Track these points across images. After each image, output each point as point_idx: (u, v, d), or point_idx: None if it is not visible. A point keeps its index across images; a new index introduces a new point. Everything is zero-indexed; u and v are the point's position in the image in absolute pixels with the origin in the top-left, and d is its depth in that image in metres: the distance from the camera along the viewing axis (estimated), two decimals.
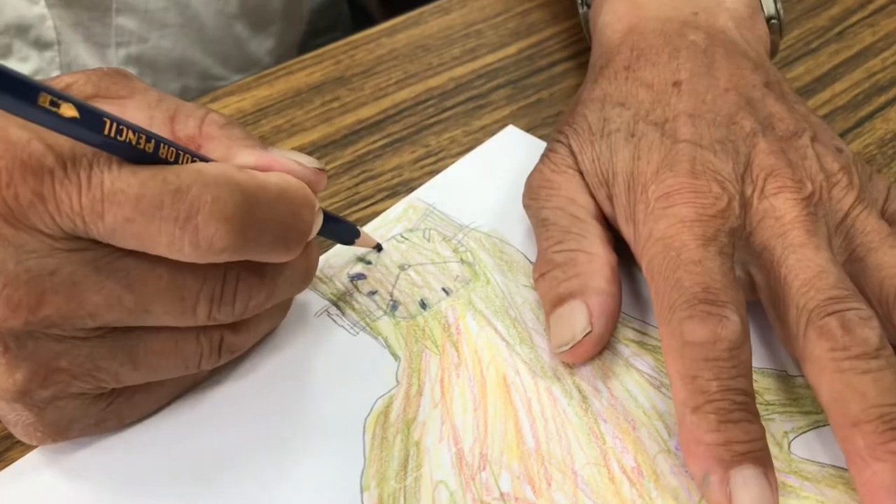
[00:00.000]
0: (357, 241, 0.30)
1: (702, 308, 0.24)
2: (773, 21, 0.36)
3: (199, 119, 0.24)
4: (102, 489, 0.24)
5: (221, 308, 0.23)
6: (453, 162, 0.35)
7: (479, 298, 0.30)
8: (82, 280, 0.20)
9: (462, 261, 0.31)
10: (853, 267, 0.27)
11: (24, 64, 0.44)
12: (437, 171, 0.35)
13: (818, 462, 0.25)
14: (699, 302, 0.24)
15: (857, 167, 0.29)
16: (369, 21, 0.56)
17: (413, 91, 0.40)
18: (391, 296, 0.30)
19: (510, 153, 0.35)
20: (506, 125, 0.37)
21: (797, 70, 0.41)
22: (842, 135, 0.36)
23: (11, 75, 0.17)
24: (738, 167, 0.28)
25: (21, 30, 0.42)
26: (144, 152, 0.20)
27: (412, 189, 0.34)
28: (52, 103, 0.18)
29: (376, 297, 0.30)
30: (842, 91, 0.39)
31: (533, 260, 0.30)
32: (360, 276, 0.30)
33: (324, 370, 0.27)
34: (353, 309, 0.29)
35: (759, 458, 0.23)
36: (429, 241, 0.32)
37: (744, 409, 0.23)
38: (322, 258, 0.31)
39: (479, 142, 0.36)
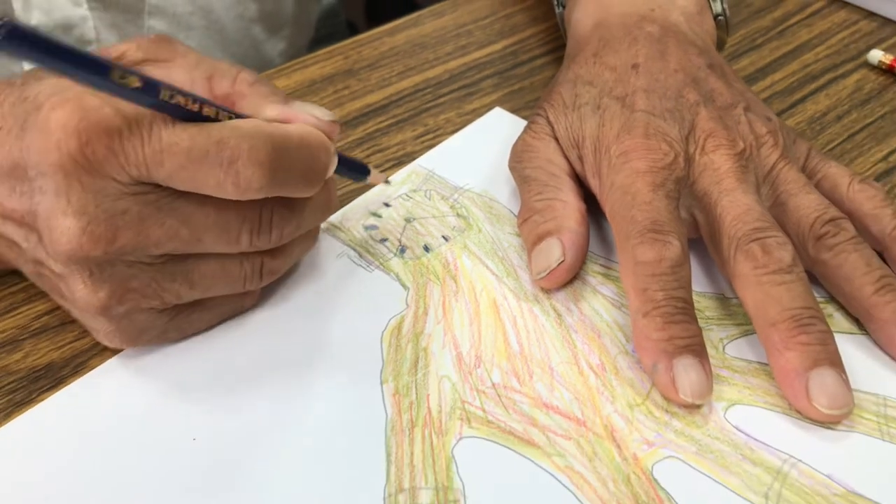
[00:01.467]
0: (369, 178, 0.35)
1: (650, 236, 0.30)
2: (719, 18, 0.42)
3: (232, 78, 0.30)
4: (164, 388, 0.30)
5: (260, 236, 0.29)
6: (449, 138, 0.41)
7: (472, 243, 0.36)
8: (147, 217, 0.26)
9: (458, 214, 0.37)
10: (777, 210, 0.33)
11: None
12: (435, 145, 0.41)
13: (746, 359, 0.31)
14: (648, 231, 0.30)
15: (783, 132, 0.35)
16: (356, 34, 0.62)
17: (413, 81, 0.46)
18: (400, 242, 0.36)
19: (496, 130, 0.42)
20: (493, 108, 0.43)
21: (743, 62, 0.47)
22: (778, 114, 0.43)
23: (91, 58, 0.23)
24: (684, 130, 0.34)
25: (66, 28, 0.49)
26: (191, 112, 0.26)
27: (414, 160, 0.40)
28: (121, 77, 0.24)
29: (387, 244, 0.36)
30: (780, 79, 0.46)
31: (517, 213, 0.36)
32: (373, 227, 0.36)
33: (346, 299, 0.33)
34: (369, 252, 0.35)
35: (697, 350, 0.29)
36: (429, 199, 0.38)
37: (684, 313, 0.29)
38: (339, 213, 0.37)
39: (470, 121, 0.43)
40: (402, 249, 0.35)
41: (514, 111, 0.43)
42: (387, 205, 0.38)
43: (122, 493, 0.26)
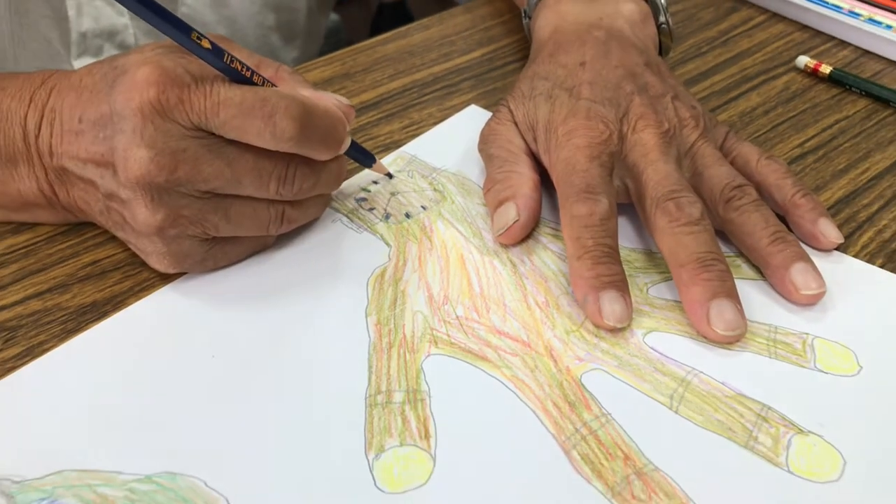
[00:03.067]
0: (374, 166, 0.42)
1: (584, 195, 0.37)
2: (662, 26, 0.50)
3: (275, 68, 0.37)
4: (187, 319, 0.36)
5: (285, 185, 0.36)
6: (430, 129, 0.49)
7: (446, 212, 0.42)
8: (201, 157, 0.33)
9: (435, 189, 0.44)
10: (695, 179, 0.40)
11: None
12: (418, 135, 0.48)
13: (664, 298, 0.37)
14: (582, 192, 0.37)
15: (705, 118, 0.42)
16: None
17: (401, 82, 0.53)
18: (385, 210, 0.43)
19: (471, 123, 0.49)
20: (469, 105, 0.51)
21: (689, 66, 0.54)
22: (713, 109, 0.50)
23: (178, 19, 0.31)
24: (619, 114, 0.41)
25: (110, 35, 0.56)
26: (244, 76, 0.33)
27: (400, 147, 0.47)
28: (198, 38, 0.31)
29: (374, 212, 0.43)
30: (720, 80, 0.53)
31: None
32: (363, 199, 0.43)
33: (340, 253, 0.40)
34: (359, 218, 0.42)
35: (620, 286, 0.35)
36: (411, 178, 0.45)
37: (609, 256, 0.36)
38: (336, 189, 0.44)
39: (449, 116, 0.50)
40: (387, 216, 0.42)
41: (487, 108, 0.50)
42: (375, 182, 0.45)
43: (157, 399, 0.33)
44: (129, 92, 0.32)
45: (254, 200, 0.36)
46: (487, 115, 0.49)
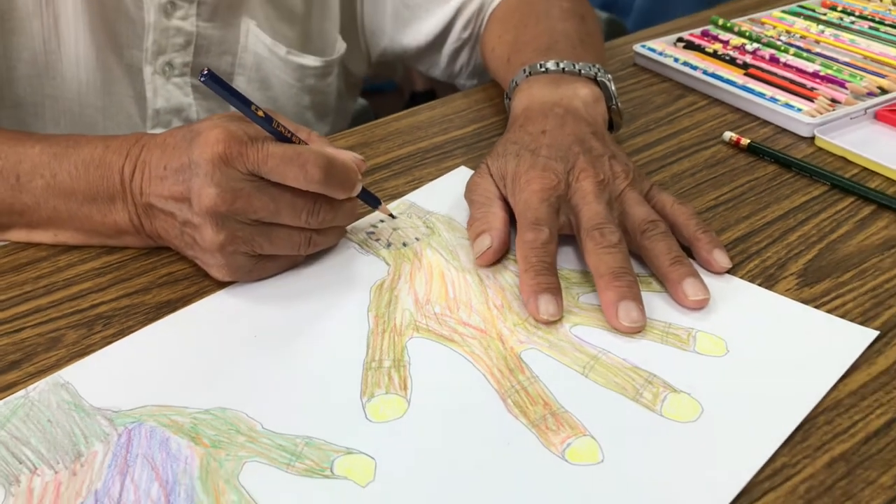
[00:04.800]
0: (379, 207, 0.56)
1: (532, 226, 0.50)
2: (612, 106, 0.63)
3: (307, 133, 0.51)
4: (236, 311, 0.50)
5: (312, 217, 0.49)
6: (427, 183, 0.62)
7: (434, 242, 0.56)
8: (253, 194, 0.47)
9: (426, 226, 0.57)
10: (622, 217, 0.53)
11: None
12: (418, 188, 0.62)
13: (590, 303, 0.50)
14: (532, 223, 0.50)
15: (634, 172, 0.55)
16: None
17: (407, 149, 0.67)
18: (387, 240, 0.56)
19: (459, 180, 0.62)
20: (460, 167, 0.64)
21: (637, 139, 0.68)
22: (651, 172, 0.63)
23: (243, 96, 0.45)
24: (567, 167, 0.54)
25: (178, 111, 0.71)
26: (286, 137, 0.48)
27: (404, 196, 0.61)
28: (255, 109, 0.45)
29: (379, 241, 0.56)
30: (660, 150, 0.66)
31: (466, 227, 0.56)
32: (371, 232, 0.57)
33: (352, 269, 0.53)
34: (367, 246, 0.55)
35: (554, 292, 0.48)
36: (410, 217, 0.58)
37: (547, 270, 0.49)
38: (351, 225, 0.57)
39: (443, 174, 0.63)
40: (389, 244, 0.56)
41: (474, 169, 0.64)
42: (382, 220, 0.58)
43: (213, 360, 0.46)
44: (203, 147, 0.46)
45: (289, 228, 0.50)
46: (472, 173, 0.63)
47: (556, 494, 0.38)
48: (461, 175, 0.63)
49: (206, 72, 0.46)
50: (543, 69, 0.64)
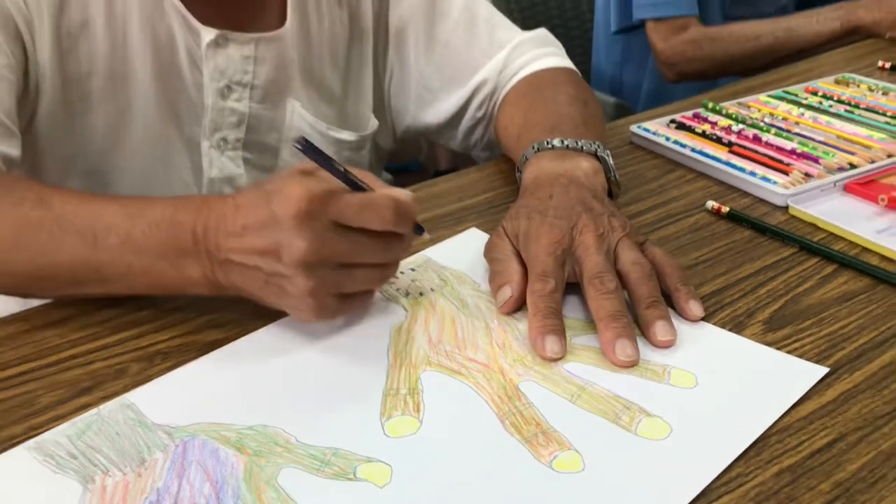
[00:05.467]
0: (423, 234, 0.62)
1: (541, 277, 0.58)
2: (610, 177, 0.72)
3: (370, 177, 0.58)
4: (282, 342, 0.58)
5: (387, 252, 0.56)
6: (442, 241, 0.71)
7: (447, 293, 0.64)
8: (337, 241, 0.54)
9: (441, 279, 0.66)
10: (618, 264, 0.61)
11: None
12: (434, 246, 0.70)
13: (582, 344, 0.57)
14: (540, 275, 0.58)
15: (630, 228, 0.63)
16: None
17: (426, 214, 0.76)
18: (406, 290, 0.64)
19: (470, 240, 0.71)
20: (471, 229, 0.73)
21: (631, 207, 0.76)
22: (645, 232, 0.71)
23: (328, 156, 0.55)
24: (571, 224, 0.62)
25: (230, 180, 0.81)
26: (361, 187, 0.56)
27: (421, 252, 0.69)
28: (337, 165, 0.55)
29: (399, 291, 0.64)
30: (651, 217, 0.74)
31: (475, 280, 0.65)
32: (393, 283, 0.65)
33: (376, 314, 0.61)
34: (390, 295, 0.64)
35: (559, 333, 0.56)
36: (426, 271, 0.67)
37: (553, 314, 0.57)
38: None
39: (457, 235, 0.72)
40: (407, 294, 0.64)
41: (485, 231, 0.72)
42: (402, 272, 0.66)
43: (257, 382, 0.54)
44: (286, 204, 0.53)
45: (367, 266, 0.57)
46: (484, 235, 0.71)
47: (544, 497, 0.45)
48: (472, 236, 0.72)
49: (303, 141, 0.54)
50: (550, 145, 0.73)
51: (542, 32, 0.93)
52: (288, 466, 0.48)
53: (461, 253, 0.69)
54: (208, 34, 0.75)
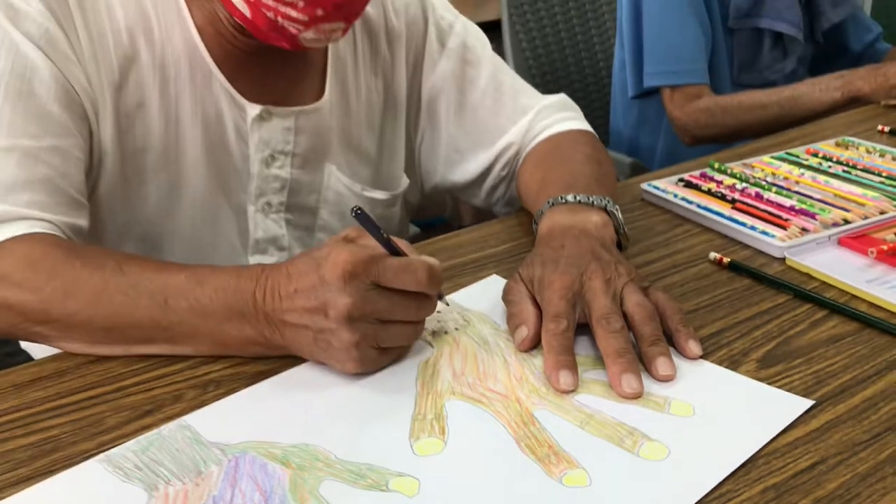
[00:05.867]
0: (441, 299, 0.69)
1: (554, 318, 0.65)
2: (619, 230, 0.79)
3: (406, 245, 0.66)
4: (318, 381, 0.64)
5: (420, 311, 0.64)
6: (465, 287, 0.77)
7: (470, 332, 0.71)
8: (377, 300, 0.61)
9: (464, 319, 0.72)
10: (623, 305, 0.67)
11: (270, 258, 0.89)
12: (458, 291, 0.77)
13: (592, 378, 0.64)
14: (554, 317, 0.65)
15: (635, 274, 0.70)
16: None
17: (451, 263, 0.83)
18: (433, 329, 0.71)
19: (491, 286, 0.78)
20: (492, 275, 0.80)
21: (639, 258, 0.82)
22: (649, 282, 0.77)
23: (378, 225, 0.62)
24: (581, 271, 0.69)
25: (273, 240, 0.89)
26: (397, 251, 0.64)
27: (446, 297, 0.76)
28: (384, 233, 0.62)
29: (427, 330, 0.71)
30: (657, 267, 0.81)
31: (495, 321, 0.71)
32: None
33: (407, 350, 0.68)
34: None
35: (571, 368, 0.62)
36: (451, 312, 0.73)
37: (566, 351, 0.63)
38: None
39: (478, 281, 0.79)
40: (434, 332, 0.71)
41: (506, 278, 0.79)
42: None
43: (298, 408, 0.61)
44: (333, 267, 0.61)
45: (403, 323, 0.64)
46: (503, 281, 0.78)
47: None
48: (492, 281, 0.79)
49: (358, 210, 0.61)
50: (564, 200, 0.80)
51: (562, 97, 1.01)
52: (328, 479, 0.54)
53: (482, 296, 0.76)
54: (253, 109, 0.83)
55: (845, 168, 1.01)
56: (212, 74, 0.81)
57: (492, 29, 1.98)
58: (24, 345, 0.95)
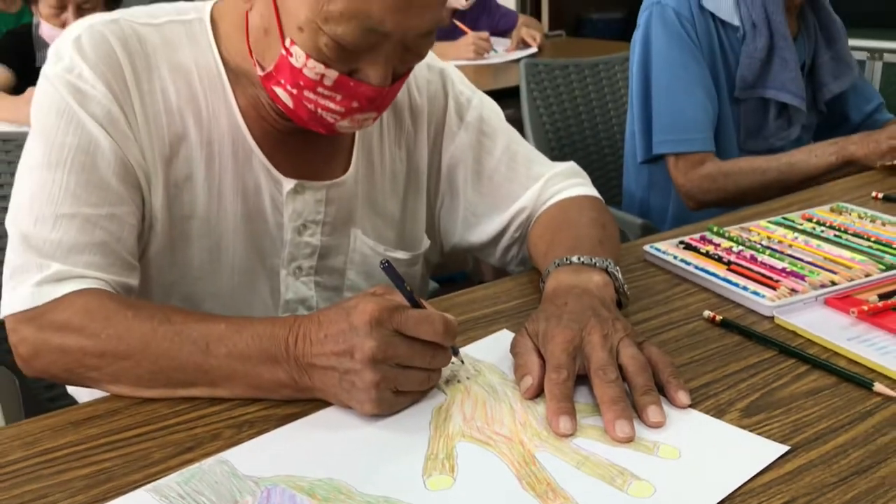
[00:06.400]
0: (457, 355, 0.78)
1: (556, 369, 0.72)
2: (619, 289, 0.86)
3: (426, 304, 0.75)
4: (340, 422, 0.72)
5: (435, 359, 0.72)
6: (477, 341, 0.85)
7: (480, 381, 0.77)
8: (398, 346, 0.69)
9: (475, 370, 0.79)
10: (619, 359, 0.74)
11: None
12: (469, 344, 0.84)
13: (588, 424, 0.70)
14: (556, 367, 0.72)
15: (630, 330, 0.77)
16: None
17: (464, 317, 0.90)
18: (447, 378, 0.78)
19: (501, 340, 0.85)
20: (502, 330, 0.87)
21: (638, 316, 0.89)
22: (644, 338, 0.84)
23: (401, 277, 0.72)
24: (581, 326, 0.76)
25: (303, 301, 0.96)
26: (418, 304, 0.72)
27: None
28: (407, 286, 0.71)
29: (441, 379, 0.78)
30: (654, 323, 0.87)
31: (503, 371, 0.78)
32: None
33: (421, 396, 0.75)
34: None
35: (570, 414, 0.69)
36: (462, 363, 0.81)
37: (566, 399, 0.70)
38: None
39: (489, 335, 0.86)
40: (447, 381, 0.78)
41: (514, 332, 0.86)
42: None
43: (322, 445, 0.68)
44: (361, 314, 0.69)
45: (419, 369, 0.72)
46: (511, 336, 0.85)
47: None
48: (502, 335, 0.86)
49: (386, 262, 0.71)
50: (569, 261, 0.88)
51: (571, 165, 1.10)
52: None
53: (493, 349, 0.83)
54: (289, 184, 0.92)
55: (837, 233, 1.07)
56: (252, 152, 0.91)
57: (511, 95, 2.10)
58: (70, 390, 1.03)
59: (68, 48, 0.84)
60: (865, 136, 1.41)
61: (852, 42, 2.69)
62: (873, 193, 1.25)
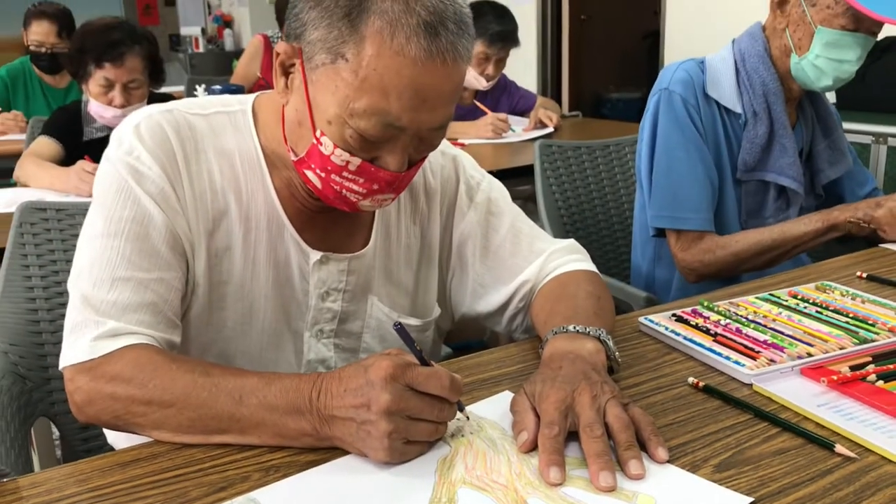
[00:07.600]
0: (462, 411, 0.87)
1: (548, 425, 0.81)
2: (610, 356, 0.95)
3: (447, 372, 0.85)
4: (350, 467, 0.81)
5: (442, 413, 0.81)
6: (480, 401, 0.94)
7: (482, 436, 0.86)
8: (410, 400, 0.79)
9: (478, 425, 0.88)
10: (606, 418, 0.83)
11: None
12: (475, 403, 0.93)
13: (576, 475, 0.79)
14: (548, 424, 0.81)
15: (617, 392, 0.86)
16: None
17: (470, 378, 0.99)
18: (451, 432, 0.87)
19: (504, 400, 0.94)
20: (504, 392, 0.96)
21: (629, 381, 0.98)
22: (635, 402, 0.92)
23: (411, 337, 0.83)
24: (573, 388, 0.85)
25: (322, 361, 1.06)
26: (427, 363, 0.82)
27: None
28: (417, 347, 0.81)
29: (446, 433, 0.87)
30: (644, 387, 0.96)
31: (504, 427, 0.87)
32: None
33: (427, 447, 0.84)
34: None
35: (560, 465, 0.78)
36: (468, 419, 0.89)
37: (557, 452, 0.79)
38: None
39: (492, 396, 0.95)
40: (452, 435, 0.87)
41: (515, 393, 0.95)
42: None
43: (336, 483, 0.77)
44: (378, 371, 0.79)
45: (428, 421, 0.81)
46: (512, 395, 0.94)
47: None
48: (504, 396, 0.95)
49: (399, 325, 0.81)
50: (565, 330, 0.97)
51: (571, 242, 1.20)
52: None
53: (495, 407, 0.92)
54: (315, 255, 1.04)
55: (819, 309, 1.16)
56: (285, 226, 1.02)
57: (526, 173, 2.22)
58: (110, 439, 1.13)
59: (129, 134, 0.96)
60: (848, 205, 1.56)
61: (858, 126, 2.82)
62: (858, 273, 1.34)
